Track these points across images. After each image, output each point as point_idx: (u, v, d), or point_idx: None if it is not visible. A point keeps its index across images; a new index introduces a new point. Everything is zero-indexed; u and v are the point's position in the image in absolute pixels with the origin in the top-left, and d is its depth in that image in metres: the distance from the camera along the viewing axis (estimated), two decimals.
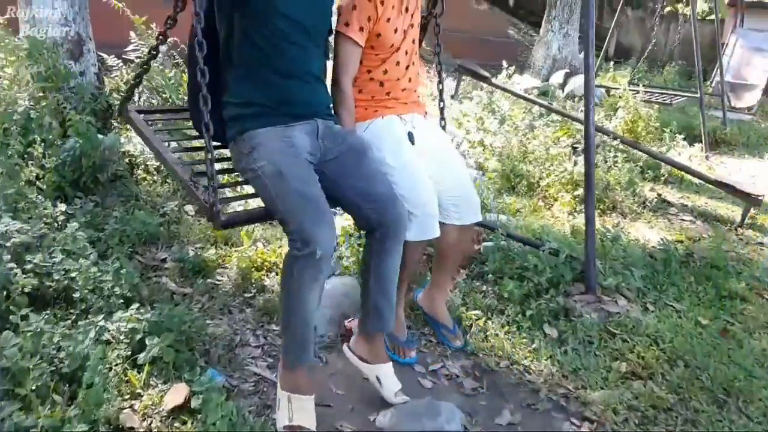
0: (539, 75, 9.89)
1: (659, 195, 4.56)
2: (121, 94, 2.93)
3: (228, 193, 3.03)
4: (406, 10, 2.20)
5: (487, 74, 5.96)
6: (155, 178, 3.49)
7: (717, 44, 7.50)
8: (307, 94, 2.00)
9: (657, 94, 7.22)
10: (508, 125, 5.75)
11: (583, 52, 2.65)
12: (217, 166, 2.05)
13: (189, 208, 3.31)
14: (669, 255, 3.16)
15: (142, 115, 2.49)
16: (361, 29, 2.08)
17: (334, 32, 2.14)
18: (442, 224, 2.22)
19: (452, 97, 6.28)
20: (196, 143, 2.58)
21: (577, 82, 9.41)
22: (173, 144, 2.53)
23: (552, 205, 4.16)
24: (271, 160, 1.86)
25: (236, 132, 1.96)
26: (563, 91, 9.39)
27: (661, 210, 4.32)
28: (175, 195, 3.38)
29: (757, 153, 7.07)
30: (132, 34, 4.37)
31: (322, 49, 2.06)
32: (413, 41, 2.27)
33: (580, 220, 3.77)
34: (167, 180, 3.48)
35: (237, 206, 2.86)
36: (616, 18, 9.70)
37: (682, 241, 3.68)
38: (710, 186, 4.54)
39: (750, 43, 11.13)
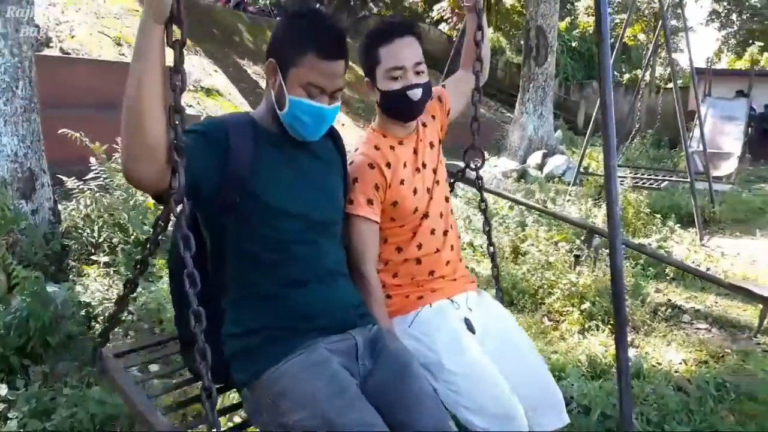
0: (516, 156, 9.84)
1: (669, 300, 4.26)
2: (96, 335, 2.31)
3: None
4: (424, 166, 1.84)
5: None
6: (116, 329, 3.07)
7: (679, 115, 7.38)
8: (330, 299, 1.55)
9: (644, 179, 7.09)
10: (496, 221, 5.50)
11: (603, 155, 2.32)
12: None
13: (155, 367, 2.88)
14: (703, 393, 2.82)
15: (122, 360, 1.97)
16: (370, 202, 1.71)
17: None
18: None
19: None
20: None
21: (555, 162, 9.36)
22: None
23: (558, 321, 3.82)
24: (314, 408, 1.36)
25: (249, 375, 1.47)
26: (542, 171, 9.30)
27: (674, 319, 4.00)
28: (138, 353, 2.94)
29: (749, 230, 6.92)
30: (93, 160, 4.06)
31: (337, 238, 1.65)
32: (446, 199, 1.91)
33: (592, 341, 3.44)
34: (129, 333, 3.07)
35: None
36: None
37: (707, 362, 3.35)
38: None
39: (721, 112, 11.32)
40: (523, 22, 16.16)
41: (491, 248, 2.16)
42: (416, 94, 1.71)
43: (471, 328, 1.76)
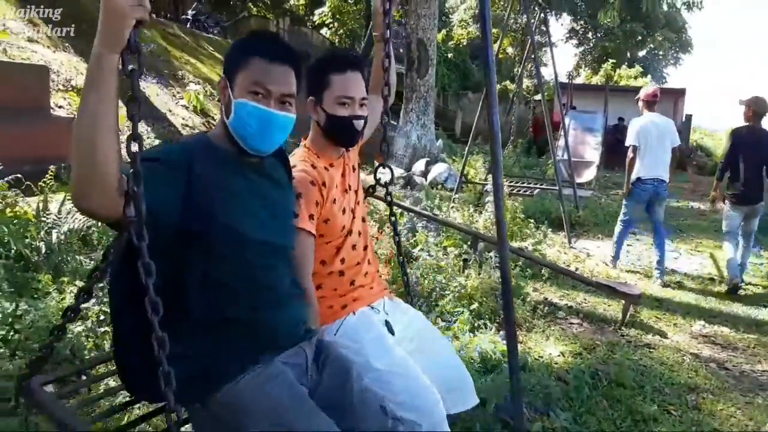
0: (402, 164, 10.16)
1: (546, 299, 4.67)
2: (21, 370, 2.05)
3: None
4: (349, 188, 1.99)
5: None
6: (1, 350, 2.86)
7: (548, 126, 8.09)
8: (287, 320, 1.60)
9: (518, 187, 7.64)
10: (387, 227, 5.70)
11: (489, 172, 2.55)
12: None
13: (50, 388, 2.72)
14: (580, 382, 3.16)
15: (52, 389, 1.90)
16: (311, 217, 1.82)
17: None
18: None
19: None
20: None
21: (437, 170, 9.79)
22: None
23: (451, 322, 4.06)
24: (277, 418, 1.42)
25: (203, 391, 1.46)
26: (426, 179, 9.69)
27: (551, 315, 4.40)
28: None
29: (607, 231, 7.68)
30: None
31: (290, 260, 1.70)
32: (363, 220, 2.05)
33: (482, 338, 3.71)
34: (17, 353, 2.87)
35: None
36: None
37: (581, 354, 3.74)
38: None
39: (582, 124, 12.43)
40: (402, 32, 16.64)
41: (400, 258, 2.32)
42: (359, 124, 1.88)
43: (391, 330, 1.95)
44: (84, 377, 2.25)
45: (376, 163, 2.25)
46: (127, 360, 1.52)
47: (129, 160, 1.22)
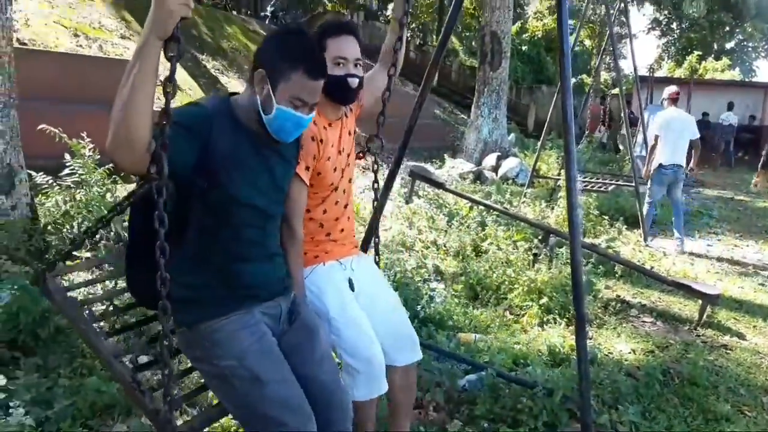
0: (472, 158, 10.16)
1: (618, 296, 4.62)
2: (50, 254, 2.41)
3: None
4: (343, 150, 2.19)
5: (440, 181, 6.03)
6: (102, 324, 3.15)
7: (625, 121, 7.97)
8: (268, 275, 1.85)
9: (593, 182, 7.50)
10: (457, 221, 5.77)
11: (564, 164, 2.61)
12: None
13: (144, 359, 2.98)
14: (651, 378, 3.14)
15: (67, 293, 2.07)
16: (307, 168, 2.02)
17: None
18: (387, 368, 2.14)
19: (405, 201, 6.25)
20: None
21: (509, 165, 9.73)
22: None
23: (519, 315, 4.10)
24: (243, 361, 1.68)
25: (190, 319, 1.73)
26: (497, 173, 9.65)
27: (623, 313, 4.35)
28: (127, 346, 3.04)
29: (687, 231, 7.43)
30: (67, 156, 4.08)
31: (278, 222, 1.94)
32: (349, 181, 2.27)
33: (551, 333, 3.74)
34: (116, 325, 3.14)
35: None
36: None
37: (653, 351, 3.70)
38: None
39: None
40: (475, 24, 16.51)
41: (375, 203, 2.59)
42: (354, 82, 2.04)
43: (352, 287, 2.17)
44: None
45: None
46: (135, 272, 1.79)
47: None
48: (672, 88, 6.77)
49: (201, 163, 1.61)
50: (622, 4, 8.43)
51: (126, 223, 2.09)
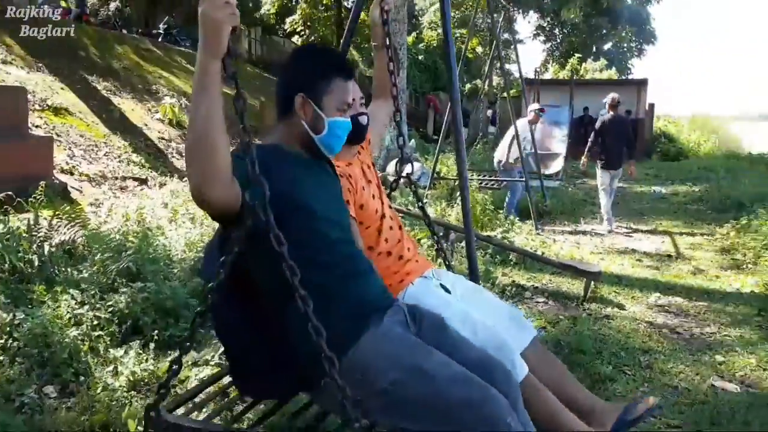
0: (376, 165, 10.41)
1: (514, 281, 4.99)
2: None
3: None
4: (370, 181, 2.21)
5: None
6: (1, 358, 3.02)
7: (513, 121, 8.50)
8: (378, 283, 1.80)
9: (488, 180, 7.99)
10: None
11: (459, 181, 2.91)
12: None
13: (50, 389, 2.89)
14: None
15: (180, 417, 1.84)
16: (347, 203, 2.00)
17: None
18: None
19: None
20: None
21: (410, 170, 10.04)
22: None
23: None
24: (401, 363, 1.56)
25: (329, 363, 1.50)
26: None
27: (519, 296, 4.71)
28: (30, 377, 2.91)
29: (573, 219, 8.07)
30: None
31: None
32: (389, 206, 2.29)
33: None
34: (17, 359, 3.02)
35: None
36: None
37: (545, 327, 4.05)
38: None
39: (549, 118, 12.81)
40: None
41: (435, 237, 2.81)
42: (364, 119, 1.97)
43: (447, 291, 2.16)
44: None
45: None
46: (245, 364, 1.74)
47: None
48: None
49: (271, 189, 1.49)
50: (507, 13, 9.04)
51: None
